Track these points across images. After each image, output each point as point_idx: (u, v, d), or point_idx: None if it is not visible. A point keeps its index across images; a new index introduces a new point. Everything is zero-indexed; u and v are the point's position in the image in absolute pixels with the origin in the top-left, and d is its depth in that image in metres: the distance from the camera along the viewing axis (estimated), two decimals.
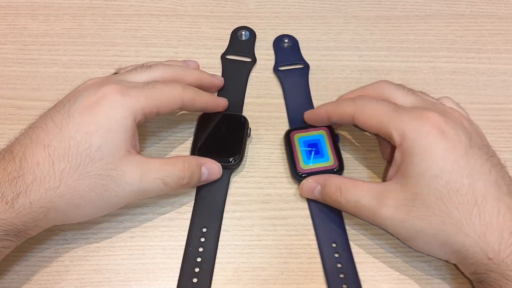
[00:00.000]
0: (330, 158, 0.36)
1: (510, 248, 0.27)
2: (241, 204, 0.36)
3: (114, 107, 0.30)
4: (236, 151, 0.37)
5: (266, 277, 0.33)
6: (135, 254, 0.34)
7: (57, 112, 0.31)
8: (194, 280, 0.32)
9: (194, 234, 0.34)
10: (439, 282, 0.33)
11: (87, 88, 0.32)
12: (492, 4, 0.49)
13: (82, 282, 0.32)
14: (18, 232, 0.28)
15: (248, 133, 0.38)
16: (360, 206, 0.32)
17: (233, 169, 0.37)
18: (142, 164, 0.31)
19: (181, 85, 0.35)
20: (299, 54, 0.45)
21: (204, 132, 0.38)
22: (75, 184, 0.29)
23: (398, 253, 0.34)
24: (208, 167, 0.35)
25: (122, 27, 0.46)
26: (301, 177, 0.36)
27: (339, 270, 0.33)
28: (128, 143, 0.31)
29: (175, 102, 0.34)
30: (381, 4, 0.49)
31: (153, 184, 0.31)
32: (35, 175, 0.28)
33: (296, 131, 0.38)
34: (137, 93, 0.32)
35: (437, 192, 0.29)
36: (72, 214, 0.30)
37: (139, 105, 0.31)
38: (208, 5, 0.48)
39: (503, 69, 0.45)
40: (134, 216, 0.35)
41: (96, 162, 0.29)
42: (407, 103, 0.33)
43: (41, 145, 0.29)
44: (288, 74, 0.43)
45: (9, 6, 0.47)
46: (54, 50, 0.44)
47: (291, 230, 0.35)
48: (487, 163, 0.30)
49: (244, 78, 0.43)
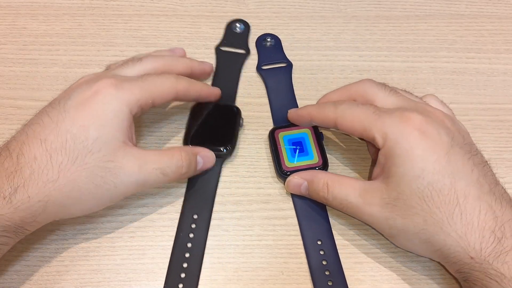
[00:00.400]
0: (315, 156, 0.37)
1: (492, 247, 0.28)
2: (241, 204, 0.36)
3: (109, 100, 0.31)
4: (228, 141, 0.37)
5: (266, 277, 0.33)
6: (135, 254, 0.34)
7: (52, 108, 0.31)
8: (184, 265, 0.33)
9: (185, 221, 0.35)
10: (439, 282, 0.33)
11: (81, 84, 0.32)
12: (492, 4, 0.49)
13: (82, 282, 0.32)
14: (16, 228, 0.28)
15: (240, 123, 0.39)
16: (346, 203, 0.32)
17: (225, 158, 0.38)
18: (140, 156, 0.31)
19: (174, 76, 0.35)
20: (282, 52, 0.45)
21: (197, 122, 0.38)
22: (73, 177, 0.29)
23: (398, 253, 0.34)
24: (202, 155, 0.35)
25: (122, 27, 0.46)
26: (286, 175, 0.36)
27: (324, 267, 0.33)
28: (124, 135, 0.31)
29: (169, 92, 0.34)
30: (381, 4, 0.49)
31: (152, 175, 0.32)
32: (32, 169, 0.28)
33: (280, 129, 0.39)
34: (131, 86, 0.32)
35: (419, 192, 0.29)
36: (71, 208, 0.30)
37: (134, 98, 0.32)
38: (208, 5, 0.48)
39: (503, 69, 0.45)
40: (135, 216, 0.35)
41: (94, 154, 0.29)
42: (389, 103, 0.33)
43: (38, 139, 0.29)
44: (271, 73, 0.44)
45: (9, 6, 0.47)
46: (54, 50, 0.44)
47: (291, 230, 0.35)
48: (469, 162, 0.30)
49: (238, 69, 0.44)
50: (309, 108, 0.36)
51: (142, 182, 0.31)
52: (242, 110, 0.40)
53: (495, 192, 0.29)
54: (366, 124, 0.32)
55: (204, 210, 0.35)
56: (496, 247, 0.27)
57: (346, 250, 0.34)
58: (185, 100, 0.38)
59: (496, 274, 0.27)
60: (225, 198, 0.36)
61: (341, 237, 0.35)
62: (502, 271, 0.27)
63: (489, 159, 0.32)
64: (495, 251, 0.27)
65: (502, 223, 0.28)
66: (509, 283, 0.27)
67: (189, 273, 0.32)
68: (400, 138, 0.30)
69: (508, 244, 0.27)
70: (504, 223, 0.28)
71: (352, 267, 0.33)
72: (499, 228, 0.28)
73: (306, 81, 0.43)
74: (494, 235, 0.28)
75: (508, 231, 0.28)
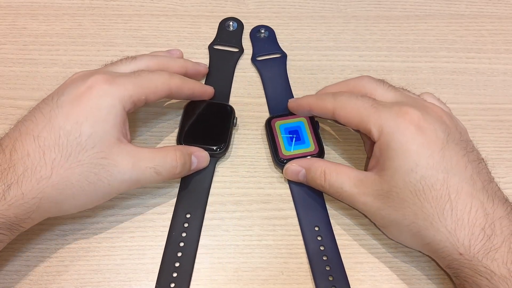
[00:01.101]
0: (311, 144, 0.37)
1: (481, 244, 0.28)
2: (241, 204, 0.36)
3: (102, 96, 0.31)
4: (222, 140, 0.37)
5: (266, 277, 0.33)
6: (135, 254, 0.34)
7: (46, 104, 0.31)
8: (177, 265, 0.33)
9: (177, 220, 0.35)
10: (439, 282, 0.33)
11: (75, 80, 0.32)
12: (492, 4, 0.49)
13: (82, 282, 0.32)
14: (11, 225, 0.28)
15: (234, 122, 0.39)
16: (342, 192, 0.33)
17: (219, 157, 0.38)
18: (134, 153, 0.31)
19: (168, 73, 0.35)
20: (276, 43, 0.45)
21: (190, 121, 0.38)
22: (67, 174, 0.29)
23: (398, 253, 0.34)
24: (197, 155, 0.35)
25: (122, 27, 0.46)
26: (283, 163, 0.37)
27: (322, 253, 0.33)
28: (119, 131, 0.31)
29: (162, 89, 0.34)
30: (381, 4, 0.49)
31: (146, 173, 0.32)
32: (26, 166, 0.28)
33: (276, 118, 0.39)
34: (124, 81, 0.32)
35: (411, 186, 0.29)
36: (65, 205, 0.30)
37: (127, 93, 0.32)
38: (208, 5, 0.48)
39: (503, 69, 0.45)
40: (135, 216, 0.35)
41: (87, 150, 0.29)
42: (387, 99, 0.34)
43: (31, 136, 0.29)
44: (266, 63, 0.44)
45: (9, 6, 0.47)
46: (54, 50, 0.44)
47: (291, 230, 0.35)
48: (464, 158, 0.30)
49: (231, 68, 0.44)
50: (309, 98, 0.37)
51: (135, 180, 0.31)
52: (242, 111, 0.40)
53: (488, 189, 0.29)
54: (363, 116, 0.32)
55: (197, 209, 0.35)
56: (485, 244, 0.28)
57: (346, 250, 0.34)
58: (178, 97, 0.38)
59: (486, 271, 0.27)
60: (225, 198, 0.36)
61: (342, 237, 0.35)
62: (491, 269, 0.27)
63: (489, 159, 0.32)
64: (485, 248, 0.27)
65: (492, 221, 0.28)
66: (499, 280, 0.27)
67: (181, 272, 0.32)
68: (396, 132, 0.31)
69: (497, 242, 0.27)
70: (494, 221, 0.28)
71: (353, 267, 0.33)
72: (489, 225, 0.28)
73: (306, 81, 0.43)
74: (484, 232, 0.28)
75: (498, 229, 0.28)
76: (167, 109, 0.41)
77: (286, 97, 0.40)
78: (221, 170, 0.38)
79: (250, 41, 0.46)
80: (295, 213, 0.36)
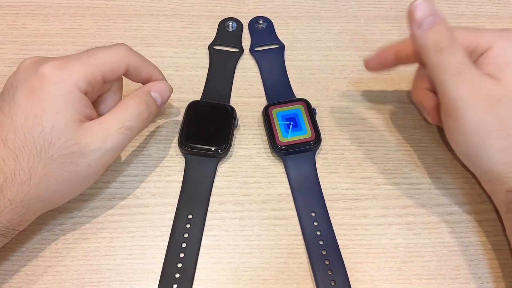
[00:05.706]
0: (308, 131, 0.38)
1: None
2: (241, 204, 0.36)
3: (55, 83, 0.29)
4: (223, 141, 0.37)
5: (266, 277, 0.33)
6: (135, 254, 0.34)
7: (4, 101, 0.30)
8: (179, 266, 0.33)
9: (179, 221, 0.35)
10: (439, 282, 0.33)
11: (26, 69, 0.31)
12: (492, 4, 0.49)
13: (82, 282, 0.32)
14: (5, 230, 0.28)
15: (235, 123, 0.39)
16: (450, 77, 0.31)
17: (221, 158, 0.38)
18: (100, 126, 0.31)
19: (127, 48, 0.33)
20: (274, 34, 0.46)
21: (191, 121, 0.38)
22: (45, 171, 0.28)
23: (398, 253, 0.34)
24: (155, 89, 0.34)
25: (122, 27, 0.46)
26: (280, 149, 0.37)
27: (318, 237, 0.34)
28: (80, 114, 0.30)
29: (120, 66, 0.32)
30: (381, 4, 0.49)
31: (118, 136, 0.31)
32: (5, 174, 0.28)
33: (274, 106, 0.40)
34: (75, 64, 0.30)
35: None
36: (54, 199, 0.30)
37: (80, 76, 0.30)
38: (208, 5, 0.48)
39: None
40: (135, 216, 0.35)
41: (55, 143, 0.29)
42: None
43: (0, 140, 0.28)
44: (264, 54, 0.45)
45: (9, 6, 0.47)
46: (54, 50, 0.44)
47: (291, 230, 0.35)
48: None
49: (231, 68, 0.44)
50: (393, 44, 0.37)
51: (112, 148, 0.31)
52: (242, 111, 0.40)
53: None
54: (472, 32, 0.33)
55: (199, 210, 0.35)
56: None
57: (346, 250, 0.34)
58: (135, 79, 0.35)
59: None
60: (225, 198, 0.36)
61: (342, 237, 0.35)
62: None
63: None
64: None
65: None
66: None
67: (183, 273, 0.32)
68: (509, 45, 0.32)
69: None
70: None
71: (353, 267, 0.33)
72: None
73: (306, 81, 0.43)
74: None
75: None
76: (168, 109, 0.41)
77: (284, 86, 0.42)
78: (221, 170, 0.38)
79: (249, 34, 0.46)
80: (295, 213, 0.36)
